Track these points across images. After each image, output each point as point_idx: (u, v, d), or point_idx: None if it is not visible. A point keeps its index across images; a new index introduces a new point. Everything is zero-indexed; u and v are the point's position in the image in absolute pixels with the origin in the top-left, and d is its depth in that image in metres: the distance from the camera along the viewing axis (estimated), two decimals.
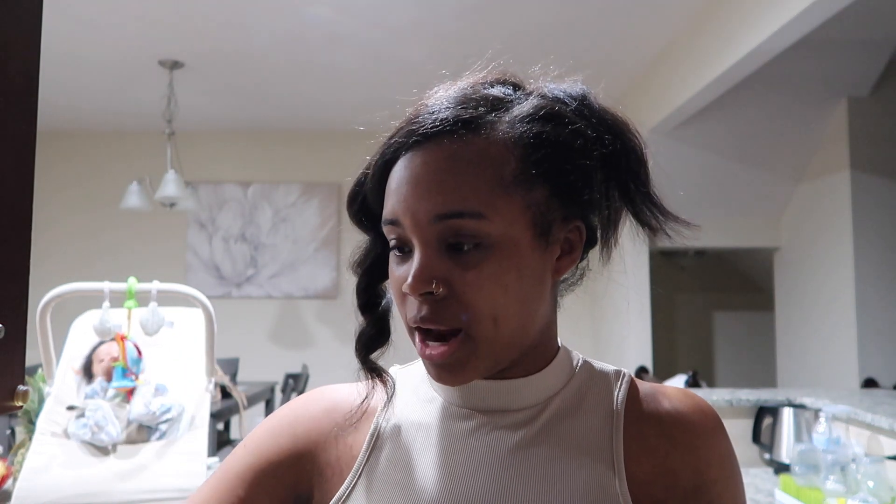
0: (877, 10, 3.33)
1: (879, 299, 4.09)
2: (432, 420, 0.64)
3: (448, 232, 0.55)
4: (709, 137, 4.26)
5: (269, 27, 3.66)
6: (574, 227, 0.60)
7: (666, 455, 0.61)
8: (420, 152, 0.57)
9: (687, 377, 4.09)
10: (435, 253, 0.56)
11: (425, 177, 0.56)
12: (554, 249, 0.59)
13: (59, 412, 1.81)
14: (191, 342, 1.98)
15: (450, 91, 0.60)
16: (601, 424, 0.62)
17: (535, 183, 0.57)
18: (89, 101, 4.94)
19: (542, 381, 0.63)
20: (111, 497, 1.67)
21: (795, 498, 1.99)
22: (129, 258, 5.42)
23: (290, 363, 5.21)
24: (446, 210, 0.55)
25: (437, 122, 0.56)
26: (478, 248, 0.55)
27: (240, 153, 5.65)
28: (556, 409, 0.62)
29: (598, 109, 0.62)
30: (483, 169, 0.55)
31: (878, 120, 4.15)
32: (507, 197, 0.55)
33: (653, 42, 3.82)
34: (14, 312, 0.46)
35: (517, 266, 0.56)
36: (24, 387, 0.47)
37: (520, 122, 0.57)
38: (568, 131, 0.58)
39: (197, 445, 1.79)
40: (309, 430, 0.66)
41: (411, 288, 0.56)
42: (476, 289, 0.55)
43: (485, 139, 0.56)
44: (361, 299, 0.64)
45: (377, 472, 0.62)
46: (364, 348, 0.64)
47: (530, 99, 0.60)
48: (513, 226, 0.56)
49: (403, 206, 0.57)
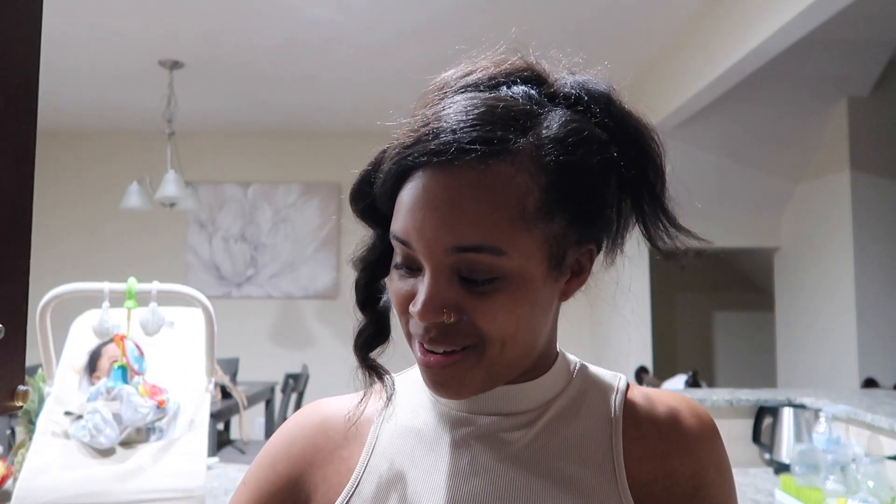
0: (877, 10, 3.33)
1: (879, 299, 4.09)
2: (430, 426, 0.63)
3: (462, 263, 0.53)
4: (709, 137, 4.26)
5: (269, 27, 3.66)
6: (587, 249, 0.59)
7: (665, 457, 0.61)
8: (439, 174, 0.53)
9: (687, 377, 4.09)
10: (446, 281, 0.54)
11: (444, 204, 0.52)
12: (565, 275, 0.58)
13: (59, 412, 1.81)
14: (191, 342, 1.98)
15: (470, 95, 0.55)
16: (600, 428, 0.62)
17: (555, 213, 0.54)
18: (89, 101, 4.94)
19: (541, 386, 0.62)
20: (111, 497, 1.67)
21: (795, 498, 1.99)
22: (129, 258, 5.43)
23: (290, 363, 5.21)
24: (464, 243, 0.52)
25: (460, 145, 0.52)
26: (492, 281, 0.53)
27: (240, 153, 5.66)
28: (554, 413, 0.62)
29: (621, 115, 0.59)
30: (506, 200, 0.52)
31: (878, 120, 4.15)
32: (527, 232, 0.53)
33: (652, 42, 3.82)
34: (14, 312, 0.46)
35: (530, 299, 0.55)
36: (24, 387, 0.47)
37: (547, 146, 0.54)
38: (596, 161, 0.55)
39: (197, 445, 1.78)
40: (304, 449, 0.65)
41: (420, 316, 0.54)
42: (489, 319, 0.54)
43: (509, 166, 0.53)
44: (361, 296, 0.62)
45: (376, 480, 0.62)
46: (363, 346, 0.62)
47: (557, 112, 0.56)
48: (529, 260, 0.54)
49: (418, 232, 0.53)
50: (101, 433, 1.73)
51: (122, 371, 1.84)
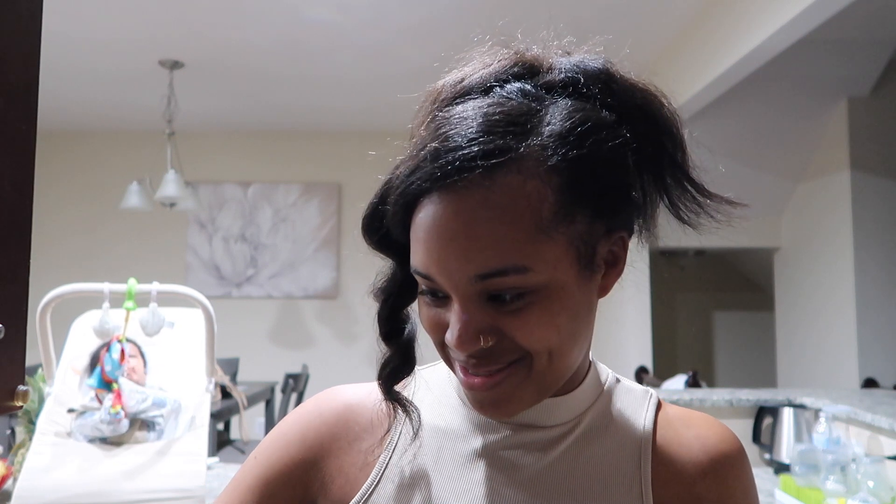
0: (877, 10, 3.33)
1: (879, 299, 4.09)
2: (457, 428, 0.61)
3: (489, 287, 0.51)
4: (708, 137, 4.20)
5: (270, 27, 3.66)
6: (618, 238, 0.56)
7: (693, 483, 0.60)
8: (447, 198, 0.50)
9: (687, 377, 4.08)
10: (476, 308, 0.51)
11: (457, 232, 0.50)
12: (599, 271, 0.55)
13: (59, 412, 1.81)
14: (191, 342, 1.98)
15: (467, 108, 0.52)
16: (630, 447, 0.61)
17: (575, 212, 0.51)
18: (89, 101, 4.94)
19: (574, 399, 0.61)
20: (112, 497, 1.67)
21: (795, 498, 1.99)
22: (129, 258, 5.43)
23: (290, 363, 5.21)
24: (487, 270, 0.50)
25: (461, 163, 0.49)
26: (522, 297, 0.51)
27: (240, 153, 5.66)
28: (585, 428, 0.61)
29: (624, 89, 0.56)
30: (520, 214, 0.49)
31: (878, 120, 4.15)
32: (548, 240, 0.50)
33: (652, 42, 3.82)
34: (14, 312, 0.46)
35: (566, 307, 0.52)
36: (24, 387, 0.47)
37: (553, 145, 0.51)
38: (606, 149, 0.52)
39: (197, 445, 1.79)
40: (321, 435, 0.63)
41: (458, 347, 0.52)
42: (527, 334, 0.52)
43: (517, 175, 0.50)
44: (384, 328, 0.60)
45: (398, 480, 0.60)
46: (388, 379, 0.60)
47: (556, 103, 0.53)
48: (558, 268, 0.51)
49: (438, 266, 0.51)
50: (115, 419, 1.75)
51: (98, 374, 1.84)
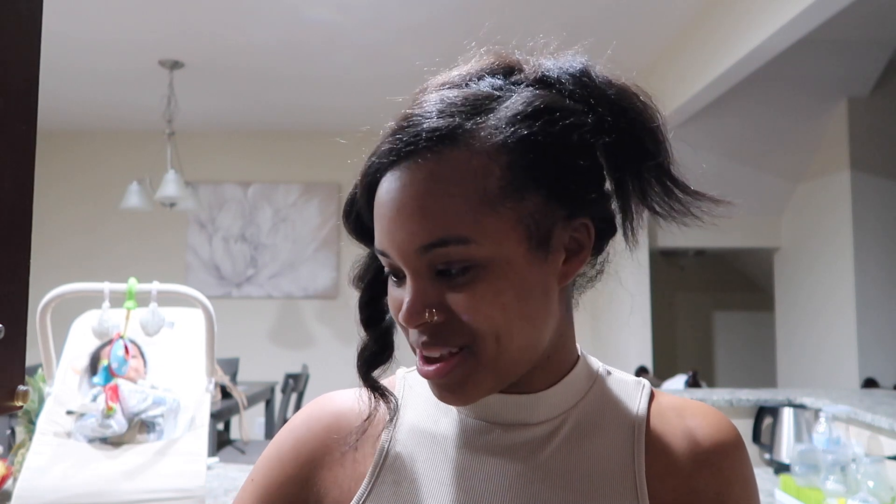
0: (877, 10, 3.33)
1: (879, 299, 4.09)
2: (446, 431, 0.61)
3: (436, 260, 0.52)
4: (709, 137, 4.25)
5: (270, 27, 3.66)
6: (580, 224, 0.55)
7: (689, 475, 0.58)
8: (399, 174, 0.52)
9: (687, 377, 4.09)
10: (426, 281, 0.53)
11: (404, 203, 0.52)
12: (557, 255, 0.54)
13: (59, 412, 1.81)
14: (191, 342, 1.98)
15: (432, 94, 0.55)
16: (623, 441, 0.59)
17: (525, 191, 0.52)
18: (89, 101, 4.94)
19: (558, 393, 0.59)
20: (112, 497, 1.67)
21: (795, 498, 1.99)
22: (129, 258, 5.43)
23: (290, 363, 5.21)
24: (430, 239, 0.51)
25: (413, 137, 0.52)
26: (467, 270, 0.51)
27: (240, 153, 5.65)
28: (575, 423, 0.59)
29: (599, 85, 0.56)
30: (464, 186, 0.51)
31: (878, 120, 4.15)
32: (494, 214, 0.51)
33: (652, 42, 3.82)
34: (14, 312, 0.46)
35: (513, 285, 0.52)
36: (24, 387, 0.47)
37: (505, 125, 0.52)
38: (559, 128, 0.52)
39: (197, 446, 1.79)
40: (313, 450, 0.63)
41: (405, 320, 0.53)
42: (473, 311, 0.52)
43: (465, 151, 0.51)
44: (363, 314, 0.61)
45: (390, 487, 0.59)
46: (366, 365, 0.60)
47: (520, 91, 0.54)
48: (503, 244, 0.51)
49: (389, 240, 0.53)
50: (112, 418, 1.74)
51: (105, 371, 1.84)
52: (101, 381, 1.82)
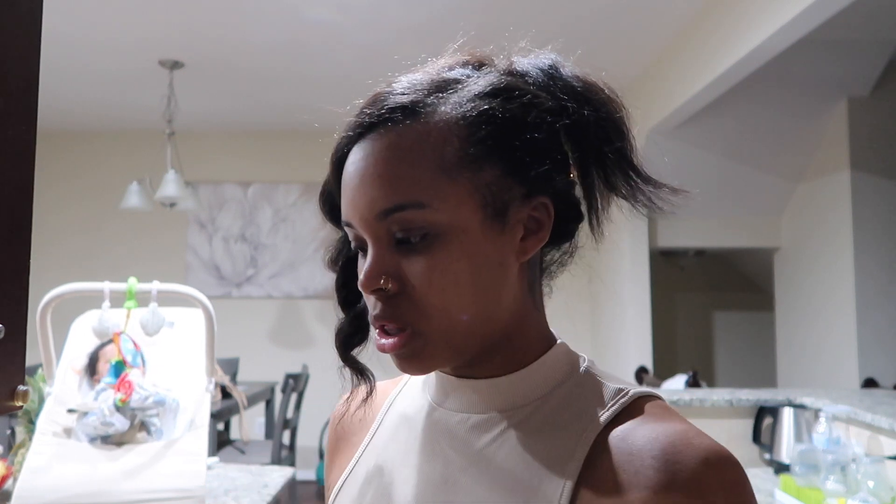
0: (877, 10, 3.33)
1: (879, 299, 4.09)
2: (417, 415, 0.63)
3: (394, 226, 0.53)
4: (709, 137, 4.26)
5: (270, 27, 3.66)
6: (539, 203, 0.55)
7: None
8: (362, 145, 0.55)
9: (687, 377, 4.09)
10: (385, 249, 0.54)
11: (365, 171, 0.54)
12: (515, 230, 0.55)
13: (59, 412, 1.81)
14: (191, 342, 1.98)
15: (402, 78, 0.58)
16: (567, 450, 0.53)
17: (483, 163, 0.53)
18: (89, 101, 4.94)
19: (516, 382, 0.57)
20: (112, 497, 1.67)
21: (795, 498, 1.99)
22: (129, 258, 5.43)
23: (290, 363, 5.21)
24: (388, 205, 0.52)
25: (377, 111, 0.54)
26: (425, 238, 0.52)
27: (240, 153, 5.65)
28: (520, 420, 0.56)
29: (566, 77, 0.57)
30: (422, 155, 0.52)
31: (878, 120, 4.15)
32: (450, 181, 0.52)
33: (653, 42, 3.82)
34: (14, 312, 0.46)
35: (467, 253, 0.53)
36: (24, 387, 0.47)
37: (467, 102, 0.54)
38: (517, 105, 0.54)
39: (197, 445, 1.78)
40: (331, 440, 0.71)
41: (362, 285, 0.54)
42: (426, 281, 0.52)
43: (425, 123, 0.53)
44: (339, 296, 0.62)
45: (366, 467, 0.63)
46: (341, 345, 0.62)
47: (486, 76, 0.56)
48: (459, 210, 0.52)
49: (351, 208, 0.55)
50: (114, 415, 1.74)
51: (116, 367, 1.84)
52: (113, 380, 1.82)
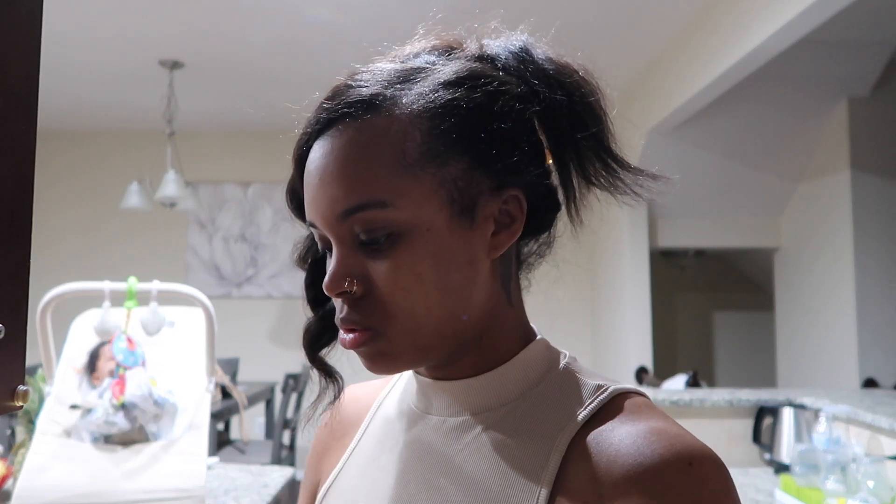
0: (877, 10, 3.33)
1: (879, 299, 4.09)
2: (397, 417, 0.61)
3: (357, 226, 0.51)
4: (709, 137, 4.25)
5: (270, 27, 3.66)
6: (510, 196, 0.52)
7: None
8: (322, 142, 0.52)
9: (687, 377, 4.09)
10: (349, 250, 0.52)
11: (325, 170, 0.51)
12: (485, 226, 0.52)
13: (59, 412, 1.81)
14: (191, 342, 1.98)
15: (364, 71, 0.55)
16: (544, 451, 0.51)
17: (447, 156, 0.50)
18: (89, 101, 4.94)
19: (486, 384, 0.55)
20: (112, 497, 1.67)
21: (795, 498, 1.99)
22: (129, 258, 5.43)
23: (290, 363, 5.21)
24: (348, 205, 0.50)
25: (335, 105, 0.52)
26: (390, 238, 0.50)
27: (240, 153, 5.66)
28: (495, 422, 0.54)
29: (538, 60, 0.55)
30: (382, 151, 0.50)
31: (878, 120, 4.15)
32: (413, 178, 0.50)
33: (652, 42, 3.82)
34: (14, 312, 0.46)
35: (433, 252, 0.50)
36: (24, 387, 0.47)
37: (429, 92, 0.51)
38: (482, 94, 0.51)
39: (197, 445, 1.79)
40: (319, 442, 0.69)
41: (326, 288, 0.52)
42: (391, 283, 0.50)
43: (385, 118, 0.51)
44: (308, 295, 0.60)
45: (353, 469, 0.62)
46: (309, 346, 0.60)
47: (450, 64, 0.54)
48: (423, 208, 0.50)
49: (313, 208, 0.52)
50: (117, 414, 1.75)
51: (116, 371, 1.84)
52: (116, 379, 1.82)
